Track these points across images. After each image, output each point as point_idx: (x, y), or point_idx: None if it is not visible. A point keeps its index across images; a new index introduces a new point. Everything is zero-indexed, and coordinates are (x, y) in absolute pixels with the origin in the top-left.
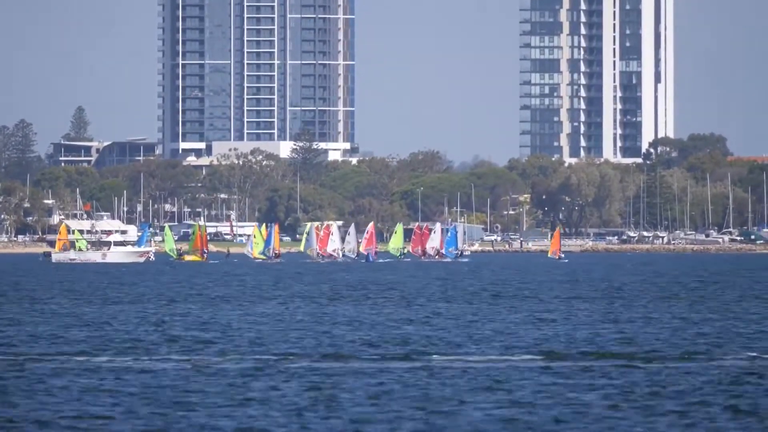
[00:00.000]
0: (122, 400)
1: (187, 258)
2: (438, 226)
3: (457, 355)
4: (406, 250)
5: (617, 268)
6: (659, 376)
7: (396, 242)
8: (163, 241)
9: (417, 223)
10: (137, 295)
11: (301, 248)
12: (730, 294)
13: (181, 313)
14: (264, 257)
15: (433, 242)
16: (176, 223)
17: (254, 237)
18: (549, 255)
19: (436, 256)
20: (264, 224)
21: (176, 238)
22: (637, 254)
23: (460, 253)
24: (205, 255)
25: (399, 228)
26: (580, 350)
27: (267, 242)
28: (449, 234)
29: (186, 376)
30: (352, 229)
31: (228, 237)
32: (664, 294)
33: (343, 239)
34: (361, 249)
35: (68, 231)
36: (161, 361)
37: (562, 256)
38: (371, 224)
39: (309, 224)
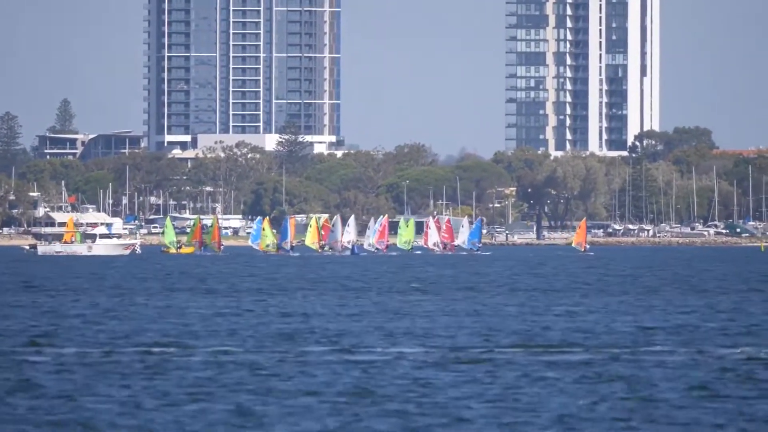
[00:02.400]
0: None
1: (184, 250)
2: (465, 219)
3: None
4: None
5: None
6: None
7: (407, 235)
8: (148, 234)
9: (431, 216)
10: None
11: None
12: None
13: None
14: (274, 250)
15: (463, 236)
16: (161, 216)
17: (263, 230)
18: (574, 245)
19: (449, 250)
20: (266, 217)
21: (161, 231)
22: (677, 248)
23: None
24: (221, 247)
25: (410, 221)
26: None
27: (283, 235)
28: (474, 226)
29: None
30: (351, 221)
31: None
32: None
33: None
34: (373, 241)
35: (75, 224)
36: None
37: (588, 248)
38: (385, 217)
39: (313, 217)
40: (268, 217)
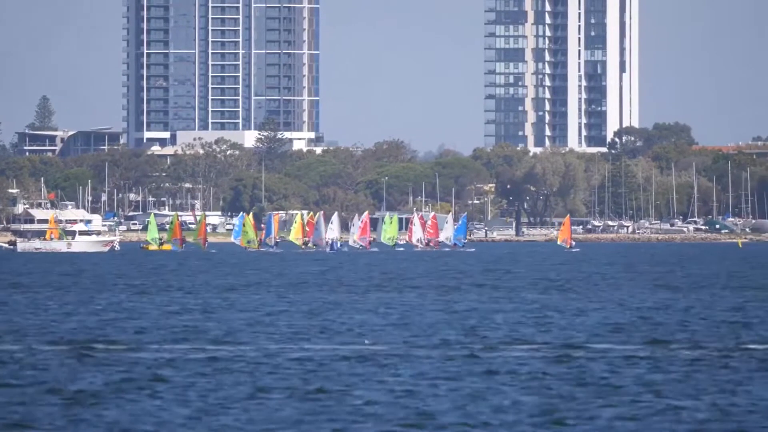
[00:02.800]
0: None
1: (165, 247)
2: (449, 216)
3: None
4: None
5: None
6: None
7: (391, 232)
8: (128, 230)
9: (415, 213)
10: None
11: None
12: None
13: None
14: (255, 247)
15: (447, 232)
16: (141, 213)
17: (244, 226)
18: (559, 243)
19: (432, 246)
20: (250, 213)
21: (141, 227)
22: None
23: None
24: (205, 243)
25: (394, 218)
26: None
27: (267, 231)
28: (459, 223)
29: None
30: (335, 218)
31: (192, 226)
32: None
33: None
34: (355, 238)
35: (57, 221)
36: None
37: (573, 244)
38: (366, 213)
39: (298, 213)
40: (249, 214)
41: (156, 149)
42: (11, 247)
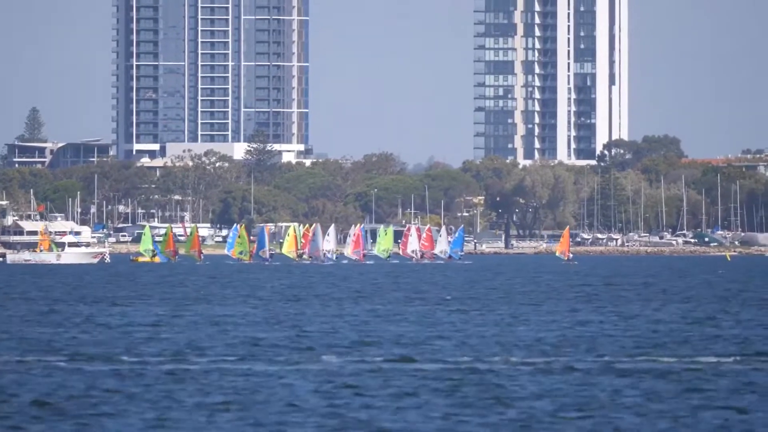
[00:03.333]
0: None
1: (150, 259)
2: (443, 228)
3: None
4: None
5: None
6: None
7: (386, 244)
8: (117, 242)
9: (410, 224)
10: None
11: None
12: None
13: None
14: (247, 258)
15: (441, 245)
16: (130, 224)
17: (239, 237)
18: (557, 254)
19: (427, 258)
20: (242, 225)
21: (130, 239)
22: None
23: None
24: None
25: (389, 230)
26: None
27: (260, 244)
28: (456, 235)
29: None
30: (332, 230)
31: (182, 238)
32: None
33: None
34: (349, 251)
35: (46, 232)
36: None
37: (571, 257)
38: (358, 226)
39: (292, 226)
40: (243, 225)
41: (145, 161)
42: (0, 259)
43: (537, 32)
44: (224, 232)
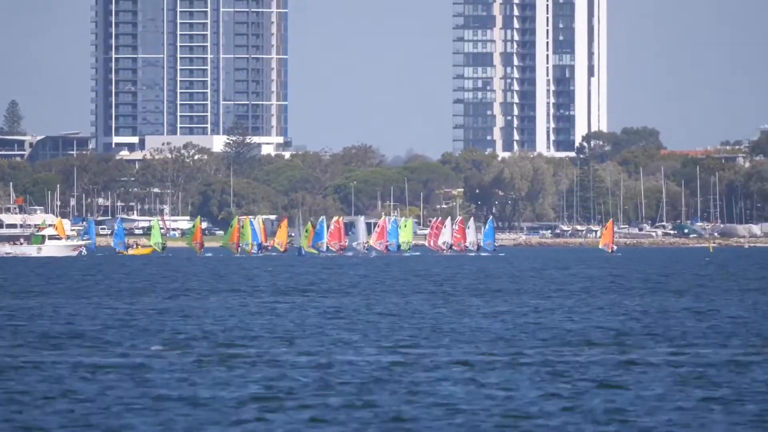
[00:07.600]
0: None
1: (142, 251)
2: (472, 220)
3: None
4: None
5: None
6: None
7: (406, 236)
8: (97, 235)
9: (437, 218)
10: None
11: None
12: None
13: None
14: (234, 250)
15: (470, 236)
16: (109, 217)
17: (305, 231)
18: (601, 246)
19: (447, 251)
20: (236, 218)
21: (109, 232)
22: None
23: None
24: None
25: (409, 222)
26: None
27: (254, 236)
28: (487, 227)
29: None
30: (361, 221)
31: (162, 231)
32: None
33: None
34: (372, 242)
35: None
36: None
37: (615, 248)
38: (383, 218)
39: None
40: (247, 218)
41: (124, 154)
42: None
43: (516, 24)
44: (204, 225)
